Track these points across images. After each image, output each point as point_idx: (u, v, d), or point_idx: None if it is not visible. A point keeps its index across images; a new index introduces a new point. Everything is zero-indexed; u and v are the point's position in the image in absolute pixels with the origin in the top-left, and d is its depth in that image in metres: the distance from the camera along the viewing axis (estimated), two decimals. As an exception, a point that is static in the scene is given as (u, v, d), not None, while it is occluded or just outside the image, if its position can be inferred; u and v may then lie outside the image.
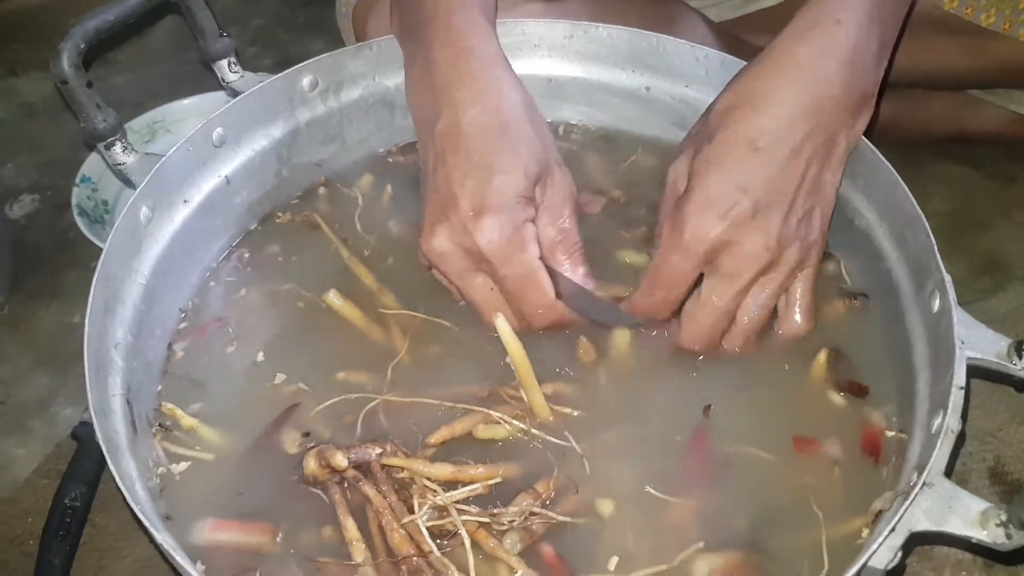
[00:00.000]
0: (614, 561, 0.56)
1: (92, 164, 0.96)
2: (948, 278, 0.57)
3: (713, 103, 0.65)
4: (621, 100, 0.80)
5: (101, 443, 0.51)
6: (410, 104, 0.71)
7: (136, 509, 0.48)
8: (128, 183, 0.66)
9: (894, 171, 0.64)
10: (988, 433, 0.79)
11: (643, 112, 0.80)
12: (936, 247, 0.59)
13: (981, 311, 0.86)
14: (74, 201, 0.93)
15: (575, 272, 0.66)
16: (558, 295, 0.63)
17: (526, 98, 0.66)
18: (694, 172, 0.62)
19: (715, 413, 0.62)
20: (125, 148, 0.66)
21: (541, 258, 0.62)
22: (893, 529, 0.48)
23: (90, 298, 0.57)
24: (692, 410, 0.62)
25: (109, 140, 0.65)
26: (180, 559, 0.47)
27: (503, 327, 0.61)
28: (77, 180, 0.95)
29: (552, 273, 0.63)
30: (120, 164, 0.66)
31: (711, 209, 0.60)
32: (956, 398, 0.52)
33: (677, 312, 0.64)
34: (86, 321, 0.56)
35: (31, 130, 1.11)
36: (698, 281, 0.62)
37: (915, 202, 0.61)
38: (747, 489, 0.59)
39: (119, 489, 0.49)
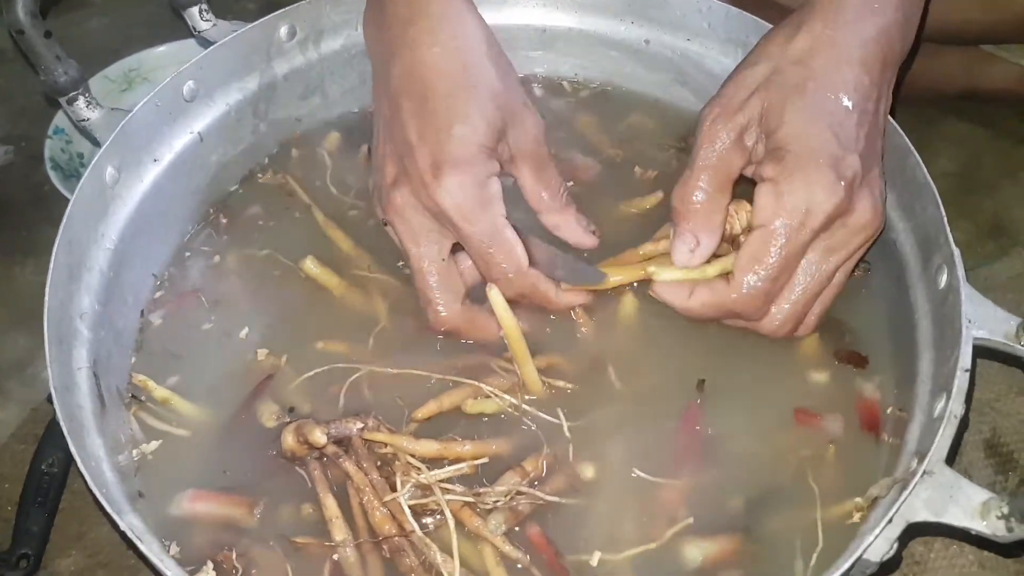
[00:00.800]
0: (601, 540, 0.54)
1: (65, 116, 0.92)
2: (957, 252, 0.55)
3: (776, 39, 0.58)
4: (619, 53, 0.77)
5: (61, 423, 0.48)
6: (367, 45, 0.66)
7: (99, 494, 0.46)
8: (93, 141, 0.62)
9: (905, 137, 0.61)
10: (985, 404, 0.77)
11: (642, 67, 0.76)
12: (946, 219, 0.56)
13: (983, 277, 0.84)
14: (47, 154, 0.90)
15: (566, 215, 0.62)
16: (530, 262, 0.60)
17: (487, 34, 0.61)
18: (788, 129, 0.55)
19: (710, 387, 0.60)
20: (89, 103, 0.62)
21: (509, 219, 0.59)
22: (891, 520, 0.46)
23: (51, 266, 0.54)
24: (689, 384, 0.60)
25: (71, 95, 0.61)
26: (145, 548, 0.45)
27: (496, 297, 0.58)
28: (50, 132, 0.91)
29: (520, 237, 0.59)
30: (84, 120, 0.62)
31: (826, 172, 0.53)
32: (961, 381, 0.50)
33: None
34: (46, 291, 0.53)
35: (2, 77, 1.07)
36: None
37: (926, 171, 0.59)
38: (740, 466, 0.57)
39: (79, 471, 0.47)
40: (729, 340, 0.61)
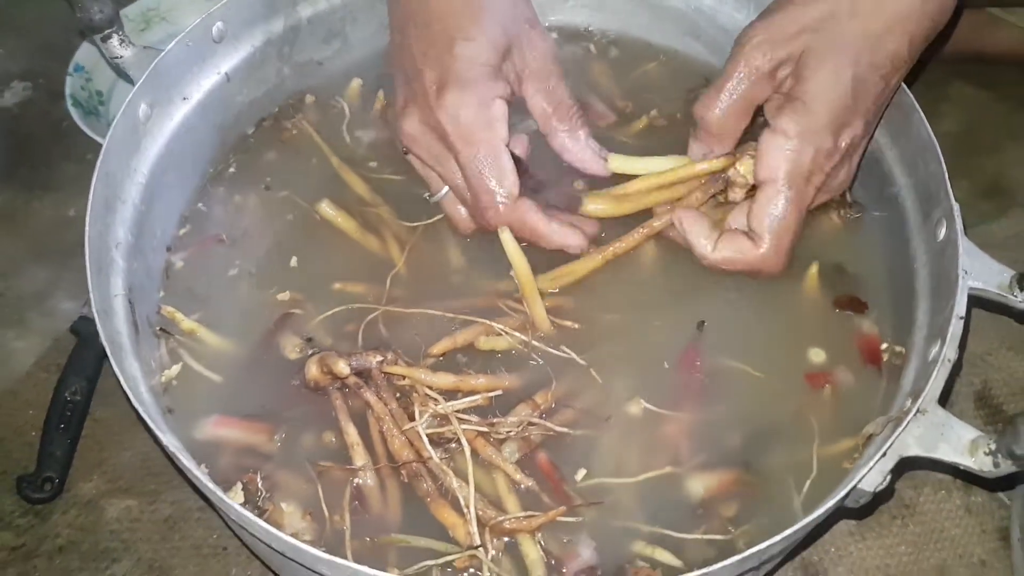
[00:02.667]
0: (606, 470, 0.57)
1: (86, 53, 0.93)
2: (956, 206, 0.57)
3: None
4: (632, 5, 0.77)
5: (104, 344, 0.51)
6: None
7: (140, 410, 0.49)
8: (126, 78, 0.64)
9: (910, 93, 0.62)
10: (978, 357, 0.79)
11: (655, 19, 0.77)
12: (947, 175, 0.58)
13: (981, 235, 0.84)
14: (68, 91, 0.90)
15: (574, 136, 0.62)
16: (522, 192, 0.59)
17: None
18: (813, 84, 0.56)
19: (712, 328, 0.62)
20: (122, 41, 0.63)
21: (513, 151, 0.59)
22: (884, 454, 0.48)
23: (90, 197, 0.56)
24: (690, 325, 0.62)
25: (106, 32, 0.62)
26: (185, 460, 0.48)
27: (507, 238, 0.60)
28: (70, 69, 0.92)
29: (518, 165, 0.59)
30: (117, 57, 0.63)
31: (830, 135, 0.56)
32: (956, 328, 0.52)
33: None
34: (87, 221, 0.55)
35: (22, 12, 1.06)
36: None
37: (930, 129, 0.60)
38: (740, 403, 0.59)
39: (122, 389, 0.50)
40: (732, 282, 0.63)
